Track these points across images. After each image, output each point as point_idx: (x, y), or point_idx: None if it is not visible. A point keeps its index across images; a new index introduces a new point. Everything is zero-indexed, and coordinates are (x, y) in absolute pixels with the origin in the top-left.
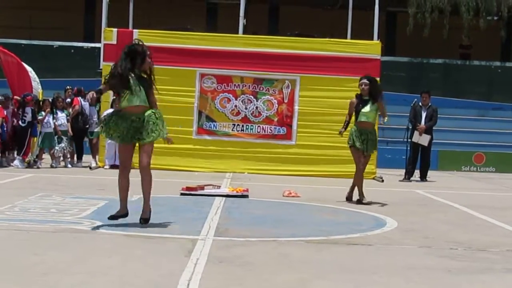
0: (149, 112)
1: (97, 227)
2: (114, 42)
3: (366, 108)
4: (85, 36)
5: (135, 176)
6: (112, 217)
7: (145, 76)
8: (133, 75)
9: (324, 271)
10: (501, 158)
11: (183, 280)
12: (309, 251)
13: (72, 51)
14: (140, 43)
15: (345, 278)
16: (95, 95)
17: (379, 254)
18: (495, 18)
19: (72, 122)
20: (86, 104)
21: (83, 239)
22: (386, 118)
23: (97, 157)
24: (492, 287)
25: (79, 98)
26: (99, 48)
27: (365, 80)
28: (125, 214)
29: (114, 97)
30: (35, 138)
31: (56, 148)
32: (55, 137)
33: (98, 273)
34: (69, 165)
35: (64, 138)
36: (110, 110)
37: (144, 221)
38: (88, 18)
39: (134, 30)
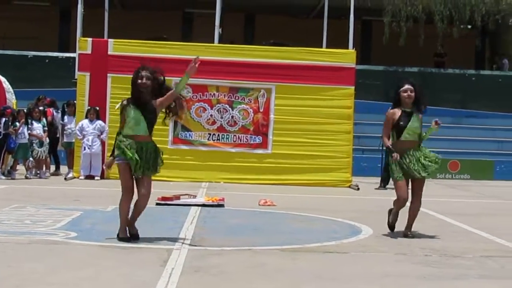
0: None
1: (72, 238)
2: (89, 51)
3: (414, 123)
4: (60, 46)
5: (111, 186)
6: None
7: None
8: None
9: (299, 279)
10: (476, 165)
11: None
12: (284, 260)
13: (47, 61)
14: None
15: (320, 286)
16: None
17: (355, 262)
18: (469, 26)
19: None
20: (58, 115)
21: (58, 250)
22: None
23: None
24: None
25: (52, 109)
26: (74, 58)
27: (409, 86)
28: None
29: (89, 107)
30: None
31: (39, 150)
32: (36, 142)
33: (72, 284)
34: (44, 176)
35: (45, 142)
36: (85, 120)
37: (135, 237)
38: (63, 28)
39: (109, 40)
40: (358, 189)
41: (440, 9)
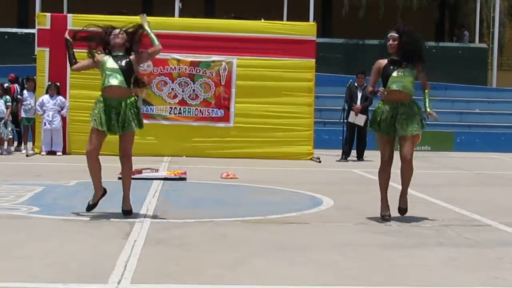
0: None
1: (35, 213)
2: (48, 27)
3: (400, 73)
4: (19, 22)
5: (73, 161)
6: (91, 207)
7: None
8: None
9: (261, 249)
10: (436, 137)
11: (120, 261)
12: (246, 231)
13: (6, 37)
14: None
15: (281, 256)
16: None
17: (315, 232)
18: None
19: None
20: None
21: (20, 225)
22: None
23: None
24: (424, 259)
25: (16, 85)
26: (34, 34)
27: (392, 33)
28: (104, 193)
29: (49, 83)
30: None
31: (5, 131)
32: (2, 123)
33: (35, 257)
34: (5, 152)
35: (9, 122)
36: (45, 96)
37: (127, 213)
38: (22, 4)
39: (68, 15)
40: (320, 161)
41: None
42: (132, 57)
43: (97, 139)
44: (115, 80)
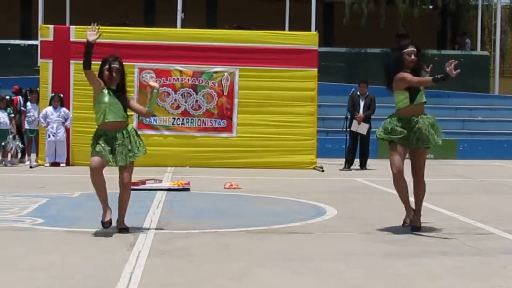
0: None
1: (39, 224)
2: (51, 39)
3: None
4: (22, 34)
5: (76, 173)
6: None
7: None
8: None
9: (265, 260)
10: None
11: (125, 273)
12: (250, 241)
13: (9, 49)
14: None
15: (285, 266)
16: None
17: (319, 242)
18: (430, 7)
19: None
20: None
21: (25, 237)
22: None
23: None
24: (428, 268)
25: (19, 97)
26: (37, 45)
27: (413, 48)
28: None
29: (53, 95)
30: None
31: (13, 144)
32: (10, 135)
33: (40, 269)
34: (9, 164)
35: (17, 136)
36: (49, 108)
37: (125, 231)
38: (25, 15)
39: (71, 27)
40: (323, 170)
41: None
42: (126, 96)
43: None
44: (116, 116)
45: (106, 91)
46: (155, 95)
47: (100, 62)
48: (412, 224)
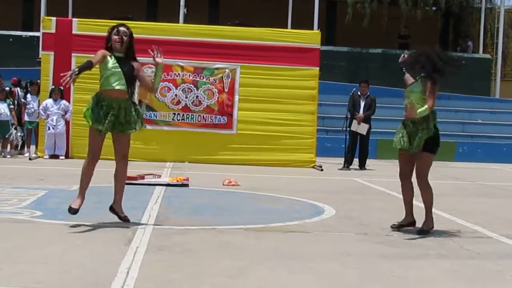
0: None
1: (37, 217)
2: (53, 31)
3: (411, 88)
4: (24, 25)
5: (75, 165)
6: (73, 211)
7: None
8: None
9: (262, 258)
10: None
11: (122, 268)
12: (248, 239)
13: (11, 40)
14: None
15: (282, 265)
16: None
17: (317, 241)
18: (433, 8)
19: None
20: (21, 95)
21: (23, 229)
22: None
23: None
24: (425, 271)
25: (17, 89)
26: (38, 37)
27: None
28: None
29: (53, 87)
30: None
31: (14, 136)
32: (12, 127)
33: (38, 262)
34: (8, 155)
35: (18, 127)
36: (49, 100)
37: (124, 219)
38: (27, 7)
39: (74, 19)
40: (322, 169)
41: None
42: (134, 64)
43: (98, 142)
44: (118, 84)
45: (110, 58)
46: (160, 69)
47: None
48: (420, 228)
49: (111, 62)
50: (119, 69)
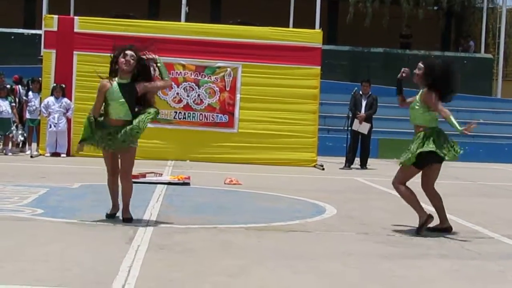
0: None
1: (39, 215)
2: (55, 29)
3: (414, 103)
4: (26, 23)
5: (76, 164)
6: (108, 216)
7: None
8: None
9: (264, 257)
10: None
11: (124, 266)
12: (249, 238)
13: (12, 37)
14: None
15: (283, 264)
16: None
17: (318, 241)
18: (435, 8)
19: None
20: (23, 92)
21: (24, 227)
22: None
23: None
24: (426, 271)
25: (18, 87)
26: (40, 35)
27: (420, 64)
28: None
29: (55, 85)
30: None
31: (16, 133)
32: (14, 125)
33: (39, 260)
34: (9, 153)
35: (19, 125)
36: (51, 98)
37: (128, 220)
38: (29, 5)
39: (75, 17)
40: (323, 169)
41: None
42: (138, 87)
43: (108, 158)
44: (119, 114)
45: (114, 88)
46: (161, 65)
47: (102, 54)
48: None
49: (114, 90)
50: (123, 99)
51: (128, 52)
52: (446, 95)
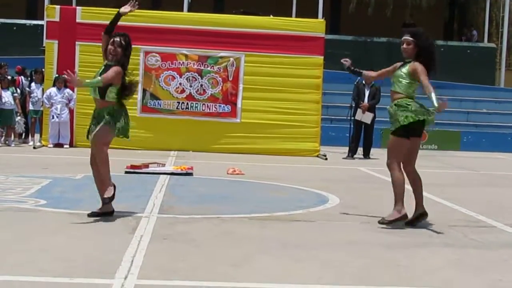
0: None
1: (41, 206)
2: (57, 19)
3: (399, 71)
4: (28, 13)
5: (79, 154)
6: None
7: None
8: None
9: (267, 247)
10: (443, 136)
11: (127, 257)
12: (252, 228)
13: (15, 28)
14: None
15: (286, 254)
16: None
17: (321, 230)
18: None
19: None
20: (26, 83)
21: (27, 218)
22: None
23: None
24: (429, 260)
25: (21, 77)
26: (42, 25)
27: (405, 37)
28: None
29: (57, 76)
30: None
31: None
32: (16, 114)
33: (42, 251)
34: (12, 144)
35: (21, 116)
36: (53, 89)
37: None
38: None
39: (78, 8)
40: (326, 158)
41: None
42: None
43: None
44: (94, 93)
45: (102, 67)
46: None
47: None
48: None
49: (100, 71)
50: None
51: (116, 40)
52: (429, 70)
